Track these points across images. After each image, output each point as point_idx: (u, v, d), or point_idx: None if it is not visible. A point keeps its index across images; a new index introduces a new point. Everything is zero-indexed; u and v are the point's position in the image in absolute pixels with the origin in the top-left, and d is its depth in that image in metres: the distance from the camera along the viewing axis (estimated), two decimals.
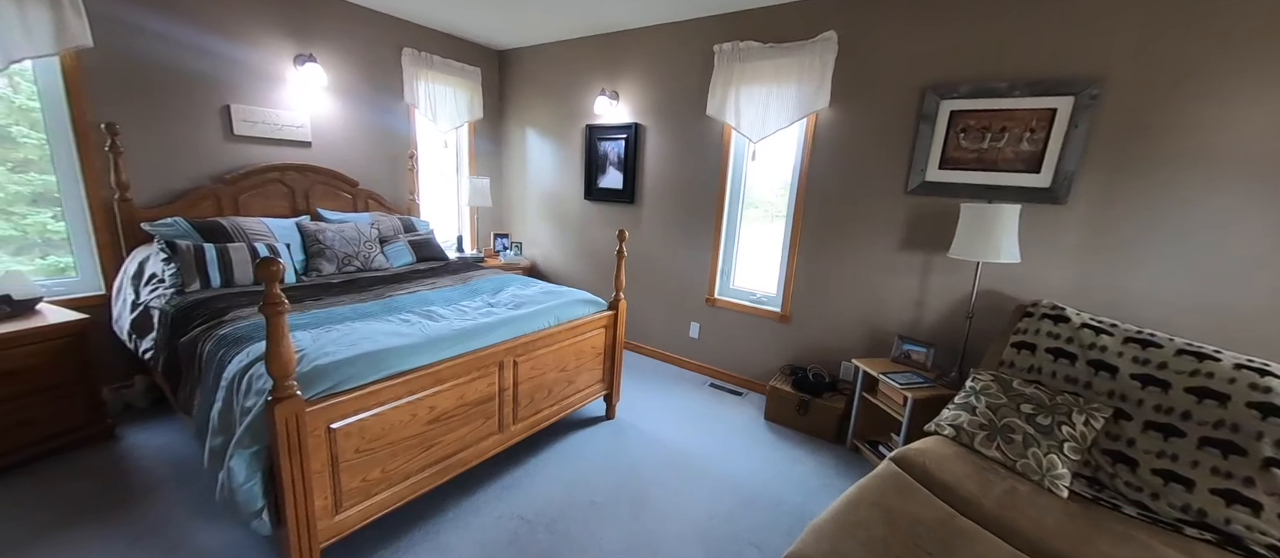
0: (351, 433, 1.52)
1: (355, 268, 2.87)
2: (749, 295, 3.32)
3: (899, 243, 2.64)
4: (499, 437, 2.07)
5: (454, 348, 1.84)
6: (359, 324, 1.91)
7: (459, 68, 3.93)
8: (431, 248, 3.32)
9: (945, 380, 2.34)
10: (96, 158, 2.44)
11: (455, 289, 2.55)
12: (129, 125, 2.50)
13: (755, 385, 3.26)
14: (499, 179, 4.50)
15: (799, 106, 2.79)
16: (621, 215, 3.77)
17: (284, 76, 3.05)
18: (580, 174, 3.93)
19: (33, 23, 2.17)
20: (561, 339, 2.30)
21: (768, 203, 3.32)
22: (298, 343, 1.68)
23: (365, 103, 3.46)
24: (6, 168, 2.33)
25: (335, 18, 3.21)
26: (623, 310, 2.63)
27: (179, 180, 2.72)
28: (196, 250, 2.30)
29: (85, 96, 2.39)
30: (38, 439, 2.06)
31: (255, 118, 2.95)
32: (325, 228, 2.87)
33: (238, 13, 2.81)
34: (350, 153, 3.43)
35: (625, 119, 3.61)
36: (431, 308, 2.20)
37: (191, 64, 2.68)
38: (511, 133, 4.38)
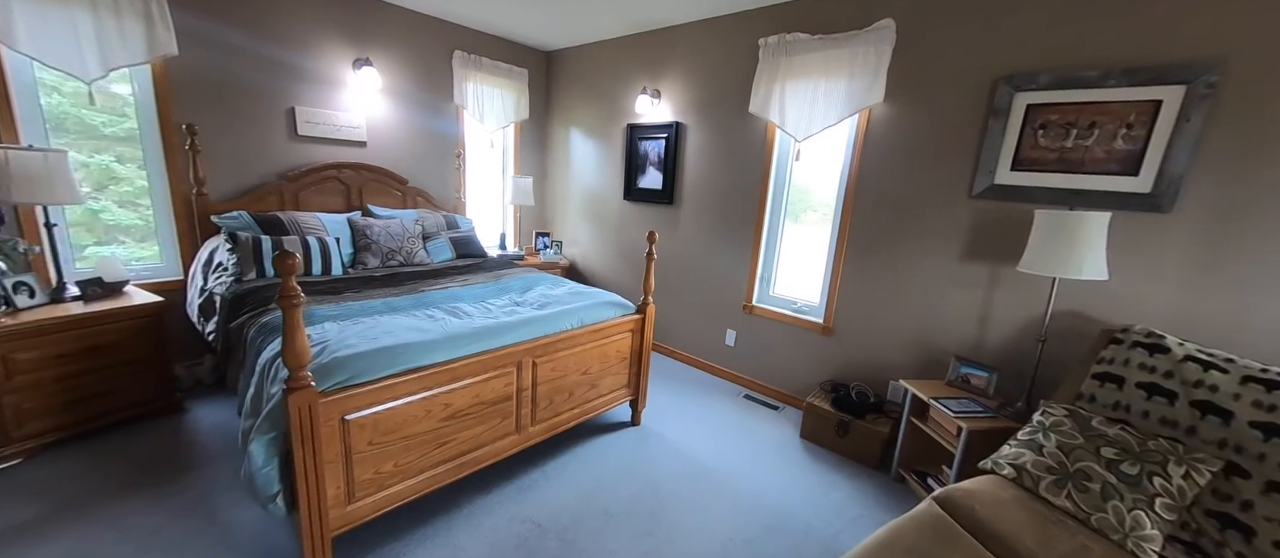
0: (365, 425, 1.55)
1: (398, 262, 2.98)
2: (789, 304, 3.13)
3: (960, 253, 2.37)
4: (516, 437, 2.06)
5: (471, 346, 1.84)
6: (385, 318, 1.96)
7: (507, 69, 4.02)
8: (471, 245, 3.40)
9: (1009, 412, 2.06)
10: (178, 156, 2.69)
11: (486, 286, 2.58)
12: (207, 126, 2.74)
13: (792, 400, 3.07)
14: (542, 179, 4.56)
15: (850, 102, 2.58)
16: (660, 216, 3.68)
17: (343, 80, 3.23)
18: (620, 174, 3.89)
19: (129, 34, 2.43)
20: (584, 342, 2.25)
21: (812, 206, 3.11)
22: (325, 334, 1.75)
23: (417, 104, 3.61)
24: (135, 165, 2.64)
25: (391, 23, 3.37)
26: (651, 314, 2.54)
27: (248, 177, 2.96)
28: (254, 242, 2.47)
29: (171, 100, 2.64)
30: (117, 408, 2.29)
31: (317, 119, 3.15)
32: (373, 223, 3.00)
33: (304, 22, 3.00)
34: (401, 152, 3.59)
35: (666, 118, 3.52)
36: (458, 305, 2.23)
37: (262, 70, 2.89)
38: (556, 133, 4.42)
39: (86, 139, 2.63)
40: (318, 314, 1.96)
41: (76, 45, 2.30)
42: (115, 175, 2.68)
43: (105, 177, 2.69)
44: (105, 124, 2.62)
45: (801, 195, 3.12)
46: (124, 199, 2.71)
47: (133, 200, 2.72)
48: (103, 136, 2.62)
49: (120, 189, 2.70)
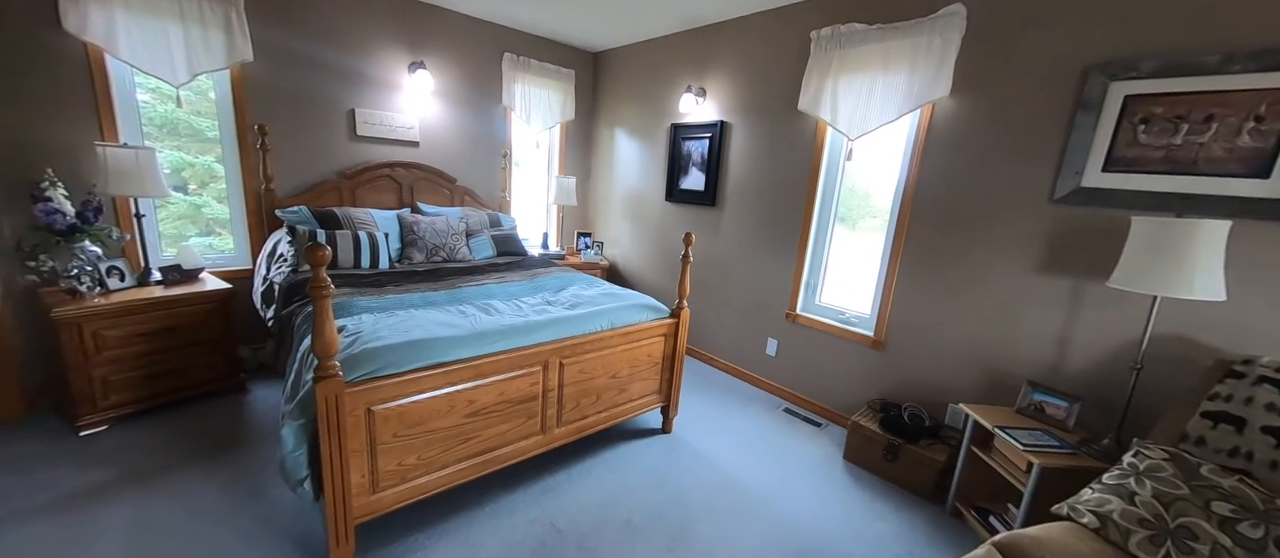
0: (390, 417, 1.57)
1: (441, 258, 3.07)
2: (837, 315, 2.92)
3: (1036, 264, 2.10)
4: (540, 438, 2.03)
5: (498, 343, 1.83)
6: (419, 312, 2.00)
7: (555, 70, 4.06)
8: (511, 243, 3.45)
9: (1093, 449, 1.79)
10: (251, 154, 2.90)
11: (520, 284, 2.59)
12: (276, 127, 2.94)
13: (837, 417, 2.86)
14: (586, 179, 4.57)
15: (910, 97, 2.37)
16: (701, 218, 3.57)
17: (400, 83, 3.38)
18: (663, 174, 3.81)
19: (211, 42, 2.65)
20: (614, 344, 2.19)
21: (865, 209, 2.90)
22: (361, 325, 1.80)
23: (466, 105, 3.72)
24: (214, 158, 2.90)
25: (445, 27, 3.48)
26: (685, 319, 2.45)
27: (311, 174, 3.15)
28: (311, 235, 2.62)
29: (246, 103, 2.86)
30: (188, 385, 2.49)
31: (375, 120, 3.31)
32: (420, 220, 3.11)
33: (366, 29, 3.17)
34: (451, 151, 3.71)
35: (711, 117, 3.41)
36: (491, 301, 2.25)
37: (326, 75, 3.08)
38: (600, 133, 4.42)
39: (194, 142, 2.92)
40: (358, 305, 2.03)
41: (167, 53, 2.53)
42: (216, 174, 2.95)
43: (207, 175, 2.97)
44: (209, 129, 2.88)
45: (853, 198, 2.91)
46: (222, 195, 2.98)
47: (228, 196, 2.98)
48: (207, 139, 2.89)
49: (218, 186, 2.97)
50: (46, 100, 2.34)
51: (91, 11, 2.33)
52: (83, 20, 2.31)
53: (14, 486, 1.82)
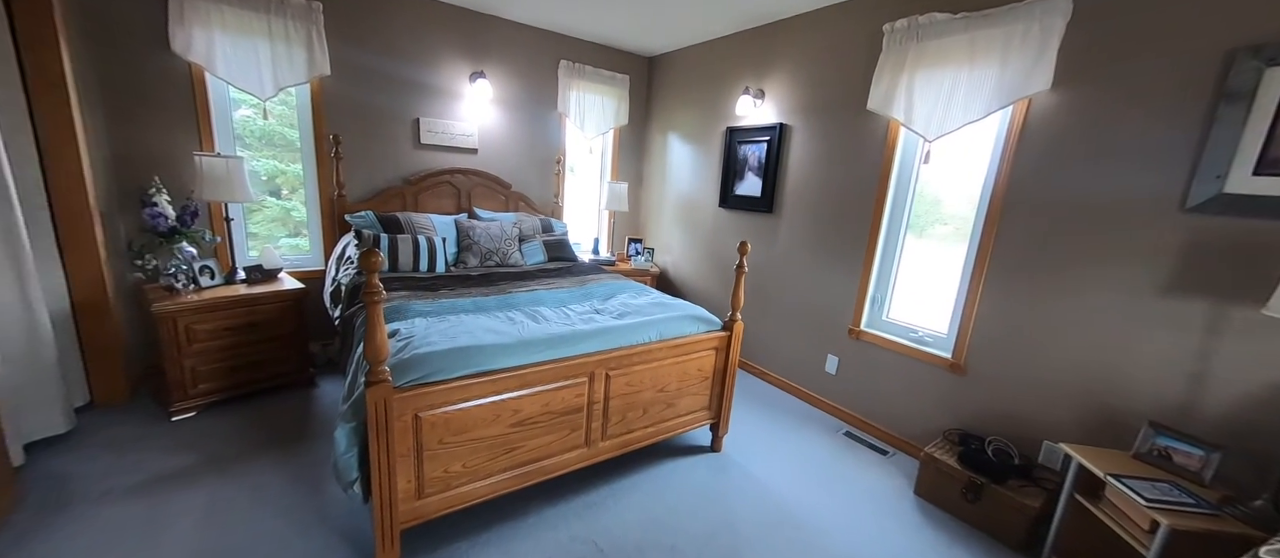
0: (437, 424, 1.56)
1: (495, 263, 3.12)
2: (909, 332, 2.66)
3: (1162, 283, 1.79)
4: (585, 451, 1.97)
5: (544, 353, 1.80)
6: (469, 317, 2.01)
7: (609, 76, 4.05)
8: (562, 249, 3.45)
9: (1241, 511, 1.47)
10: (326, 162, 3.09)
11: (569, 291, 2.56)
12: (348, 136, 3.12)
13: (907, 446, 2.60)
14: (638, 185, 4.53)
15: (1001, 92, 2.11)
16: (757, 226, 3.41)
17: (461, 92, 3.49)
18: (717, 180, 3.69)
19: (295, 59, 2.84)
20: (662, 356, 2.10)
21: (942, 218, 2.63)
22: (413, 329, 1.82)
23: (523, 112, 3.78)
24: (299, 165, 3.14)
25: (504, 37, 3.57)
26: (738, 332, 2.32)
27: (379, 180, 3.31)
28: (374, 239, 2.73)
29: (323, 113, 3.05)
30: (264, 377, 2.66)
31: (437, 129, 3.44)
32: (476, 225, 3.18)
33: (431, 42, 3.30)
34: (506, 158, 3.79)
35: (769, 120, 3.25)
36: (539, 308, 2.23)
37: (394, 86, 3.23)
38: (654, 138, 4.36)
39: (286, 151, 3.16)
40: (413, 309, 2.07)
41: (257, 69, 2.74)
42: (304, 180, 3.18)
43: (298, 181, 3.20)
44: (297, 139, 3.10)
45: (929, 205, 2.65)
46: (308, 201, 3.20)
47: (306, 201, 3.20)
48: (296, 149, 3.12)
49: (307, 192, 3.20)
50: (157, 115, 2.60)
51: (195, 33, 2.56)
52: (187, 42, 2.55)
53: (112, 465, 2.00)
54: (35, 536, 1.64)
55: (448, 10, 3.30)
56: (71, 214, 2.26)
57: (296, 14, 2.79)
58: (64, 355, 2.21)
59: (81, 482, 1.89)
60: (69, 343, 2.28)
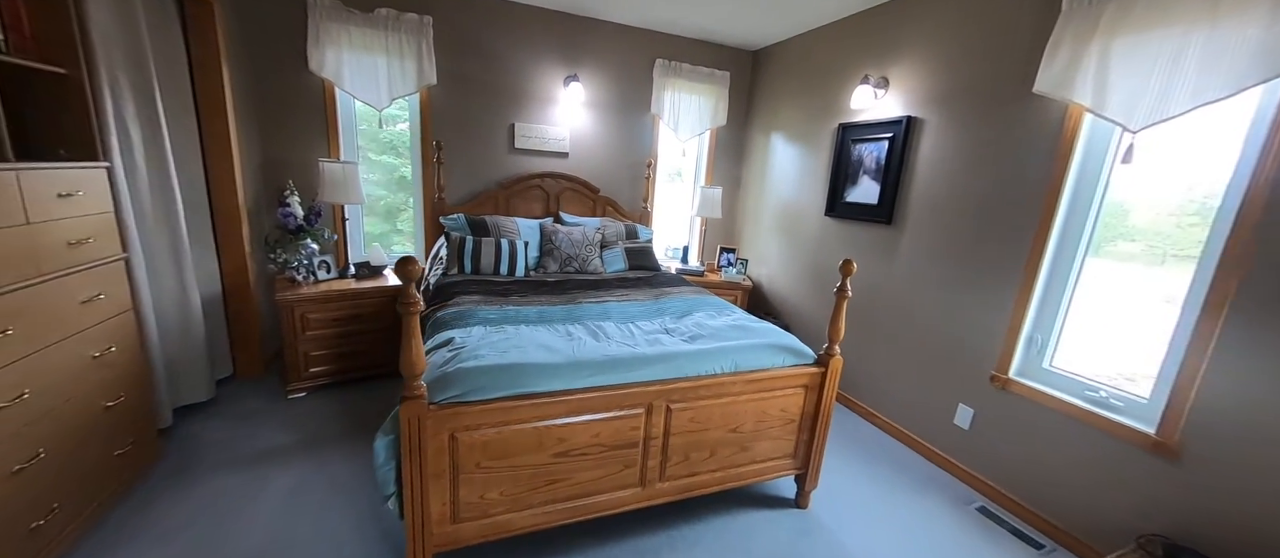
0: (474, 446, 1.45)
1: (573, 269, 3.03)
2: (1085, 389, 1.99)
3: None
4: (639, 491, 1.74)
5: (596, 376, 1.61)
6: (527, 329, 1.90)
7: (708, 73, 3.79)
8: (644, 257, 3.26)
9: None
10: (431, 166, 3.27)
11: (641, 305, 2.35)
12: (450, 142, 3.27)
13: (1074, 543, 1.93)
14: (734, 189, 4.18)
15: (1263, 60, 1.43)
16: (871, 238, 2.88)
17: (555, 97, 3.50)
18: (824, 184, 3.21)
19: (407, 70, 3.04)
20: (736, 391, 1.79)
21: (1128, 231, 1.92)
22: (468, 338, 1.75)
23: (614, 115, 3.68)
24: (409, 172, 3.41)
25: (599, 39, 3.49)
26: (835, 370, 1.90)
27: (476, 184, 3.44)
28: (461, 241, 2.80)
29: (430, 121, 3.23)
30: (364, 366, 2.87)
31: (531, 134, 3.48)
32: (559, 230, 3.13)
33: (528, 48, 3.34)
34: (596, 161, 3.72)
35: (893, 113, 2.72)
36: (603, 323, 2.05)
37: (493, 93, 3.32)
38: (754, 139, 3.99)
39: (404, 156, 3.45)
40: (477, 315, 2.02)
41: (375, 82, 2.98)
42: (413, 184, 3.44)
43: (410, 185, 3.47)
44: (410, 146, 3.36)
45: (1127, 216, 1.96)
46: (415, 203, 3.46)
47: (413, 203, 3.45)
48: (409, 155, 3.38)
49: (414, 195, 3.46)
50: (296, 126, 2.95)
51: (327, 53, 2.85)
52: (321, 60, 2.85)
53: (233, 435, 2.26)
54: (161, 492, 1.87)
55: (546, 15, 3.31)
56: (225, 212, 2.63)
57: (409, 28, 2.99)
58: (211, 334, 2.57)
59: (207, 448, 2.15)
60: (217, 323, 2.65)
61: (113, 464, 1.79)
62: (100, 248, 1.77)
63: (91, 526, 1.68)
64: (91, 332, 1.71)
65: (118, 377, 1.83)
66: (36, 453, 1.48)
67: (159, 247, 2.22)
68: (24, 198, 1.47)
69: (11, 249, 1.42)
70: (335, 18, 2.83)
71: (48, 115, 1.71)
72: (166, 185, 2.23)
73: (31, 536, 1.46)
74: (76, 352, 1.65)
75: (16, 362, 1.43)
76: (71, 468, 1.61)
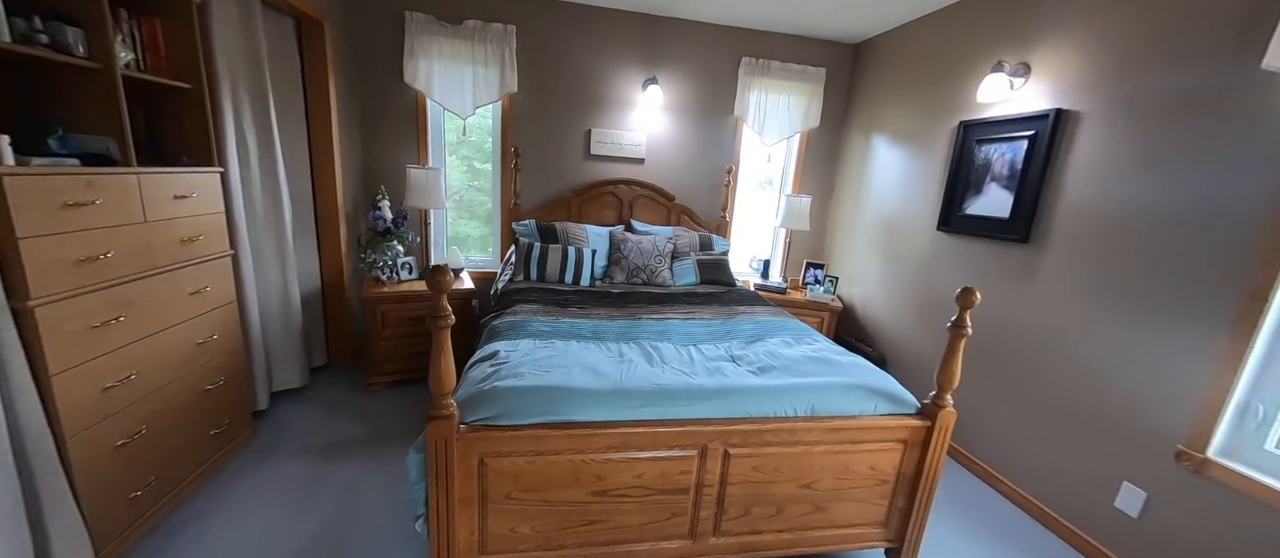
0: (505, 474, 1.33)
1: (640, 280, 2.87)
2: None
3: None
4: (688, 544, 1.51)
5: (645, 408, 1.41)
6: (578, 346, 1.76)
7: (800, 71, 3.45)
8: (718, 271, 3.01)
9: None
10: (508, 173, 3.32)
11: (707, 325, 2.12)
12: (527, 148, 3.29)
13: None
14: (827, 198, 3.76)
15: None
16: (999, 259, 2.36)
17: (633, 101, 3.38)
18: (937, 193, 2.72)
19: (490, 79, 3.11)
20: (811, 439, 1.49)
21: None
22: (515, 352, 1.65)
23: (694, 118, 3.48)
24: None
25: (681, 39, 3.32)
26: (945, 425, 1.52)
27: (550, 190, 3.43)
28: (528, 247, 2.77)
29: (510, 128, 3.28)
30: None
31: (607, 139, 3.40)
32: (629, 238, 3.00)
33: (608, 51, 3.27)
34: (673, 167, 3.54)
35: (1036, 106, 2.20)
36: (661, 344, 1.84)
37: (571, 99, 3.29)
38: (852, 142, 3.55)
39: (486, 162, 3.56)
40: (529, 327, 1.93)
41: (460, 92, 3.09)
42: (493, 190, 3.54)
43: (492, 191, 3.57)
44: (492, 152, 3.47)
45: None
46: (493, 209, 3.55)
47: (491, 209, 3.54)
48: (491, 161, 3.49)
49: (493, 201, 3.55)
50: (391, 134, 3.15)
51: (420, 64, 3.00)
52: (415, 72, 3.00)
53: (314, 423, 2.41)
54: (245, 472, 2.01)
55: (627, 17, 3.21)
56: (327, 214, 2.85)
57: (494, 38, 3.05)
58: (309, 325, 2.79)
59: (291, 434, 2.31)
60: (315, 316, 2.88)
61: (208, 442, 1.96)
62: (210, 245, 1.95)
63: (183, 498, 1.83)
64: (197, 321, 1.89)
65: (219, 363, 2.01)
66: (139, 430, 1.63)
67: (265, 244, 2.44)
68: (143, 199, 1.63)
69: (129, 245, 1.58)
70: (427, 31, 2.97)
71: (175, 125, 1.93)
72: (276, 188, 2.45)
73: (130, 505, 1.60)
74: (182, 339, 1.82)
75: (127, 346, 1.58)
76: (169, 445, 1.76)
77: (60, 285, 1.36)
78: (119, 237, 1.54)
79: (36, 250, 1.30)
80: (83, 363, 1.43)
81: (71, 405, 1.40)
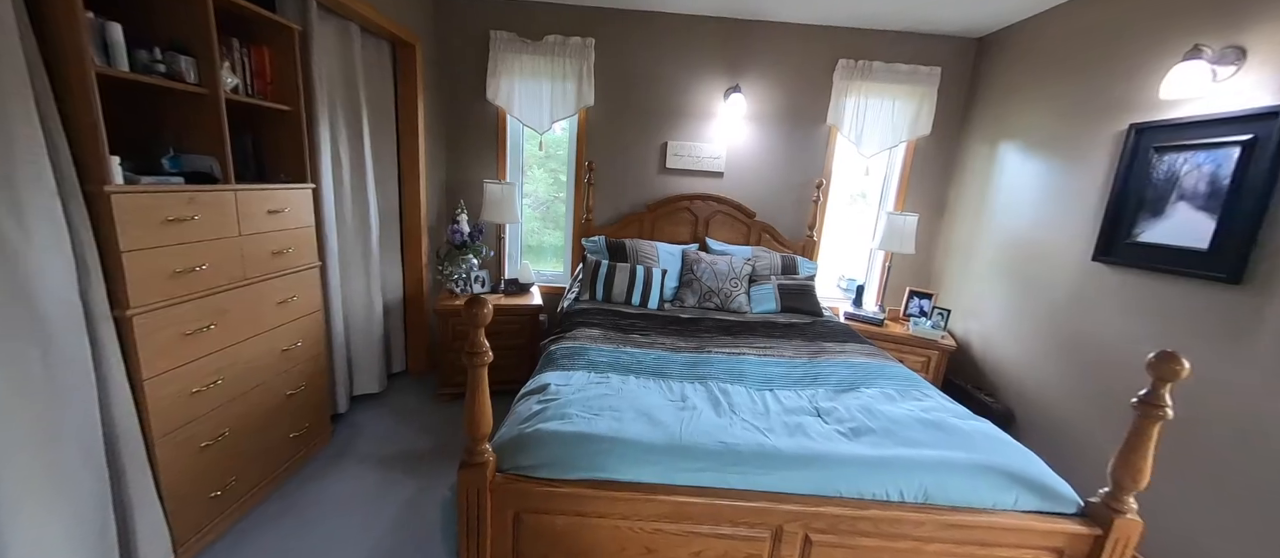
0: (543, 533, 1.17)
1: (713, 305, 2.63)
2: None
3: None
4: None
5: (706, 471, 1.18)
6: (636, 382, 1.57)
7: (908, 72, 3.02)
8: (802, 298, 2.67)
9: None
10: (582, 187, 3.26)
11: (788, 364, 1.82)
12: (602, 162, 3.21)
13: None
14: (936, 217, 3.24)
15: None
16: (1192, 304, 1.79)
17: (713, 111, 3.17)
18: (1093, 214, 2.17)
19: (568, 93, 3.07)
20: (922, 533, 1.16)
21: None
22: (567, 385, 1.51)
23: (781, 128, 3.18)
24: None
25: (769, 42, 3.06)
26: (1127, 537, 1.10)
27: (623, 205, 3.31)
28: (596, 265, 2.65)
29: (584, 142, 3.22)
30: (501, 380, 2.82)
31: (683, 152, 3.22)
32: (702, 258, 2.77)
33: (689, 60, 3.09)
34: (754, 182, 3.26)
35: (1252, 103, 1.65)
36: (731, 387, 1.59)
37: (648, 111, 3.16)
38: (973, 152, 3.03)
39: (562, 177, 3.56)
40: (587, 356, 1.79)
41: (539, 107, 3.08)
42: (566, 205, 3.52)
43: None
44: (567, 166, 3.46)
45: None
46: (566, 224, 3.53)
47: (564, 223, 3.51)
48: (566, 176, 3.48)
49: (566, 216, 3.53)
50: (473, 150, 3.22)
51: (502, 82, 3.04)
52: (497, 89, 3.05)
53: (385, 431, 2.47)
54: (319, 476, 2.08)
55: (710, 23, 3.02)
56: (411, 227, 2.97)
57: (573, 52, 3.01)
58: (389, 334, 2.91)
59: (364, 440, 2.38)
60: (396, 325, 3.00)
61: (287, 445, 2.05)
62: (299, 257, 2.04)
63: (261, 498, 1.92)
64: (283, 329, 1.98)
65: (301, 369, 2.10)
66: (223, 432, 1.71)
67: (352, 256, 2.56)
68: (238, 214, 1.73)
69: (223, 257, 1.68)
70: (510, 49, 3.00)
71: (275, 144, 2.06)
72: (364, 203, 2.57)
73: (211, 503, 1.68)
74: (268, 346, 1.91)
75: (216, 352, 1.67)
76: (251, 447, 1.85)
77: (157, 296, 1.45)
78: (214, 249, 1.64)
79: (138, 263, 1.39)
80: (173, 368, 1.52)
81: (161, 409, 1.48)
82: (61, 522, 1.26)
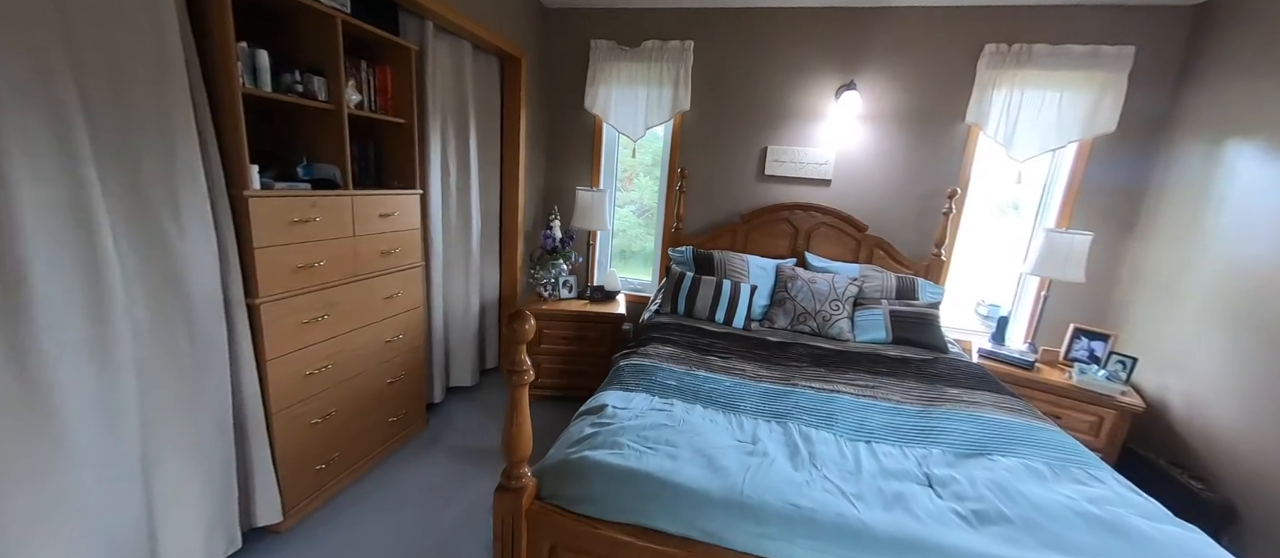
0: None
1: (807, 329, 2.33)
2: None
3: None
4: None
5: (769, 538, 0.99)
6: (703, 413, 1.41)
7: (1086, 55, 2.43)
8: (921, 329, 2.24)
9: None
10: (673, 194, 3.15)
11: (897, 410, 1.50)
12: (695, 169, 3.07)
13: None
14: (1120, 236, 2.54)
15: None
16: None
17: (822, 113, 2.86)
18: None
19: (663, 99, 3.00)
20: None
21: None
22: (629, 409, 1.40)
23: (904, 129, 2.75)
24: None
25: (893, 30, 2.67)
26: None
27: (717, 214, 3.14)
28: (679, 278, 2.52)
29: (678, 148, 3.12)
30: (581, 386, 2.88)
31: (784, 158, 2.95)
32: (799, 275, 2.49)
33: (796, 58, 2.83)
34: (868, 190, 2.86)
35: None
36: (816, 432, 1.35)
37: (747, 114, 2.96)
38: (1183, 152, 2.32)
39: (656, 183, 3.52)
40: (655, 376, 1.66)
41: (633, 114, 3.05)
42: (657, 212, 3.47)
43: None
44: (660, 173, 3.41)
45: None
46: (656, 232, 3.47)
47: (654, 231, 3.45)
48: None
49: (656, 224, 3.48)
50: (569, 157, 3.30)
51: (598, 91, 3.07)
52: (594, 99, 3.08)
53: (471, 425, 2.59)
54: (410, 461, 2.24)
55: (823, 15, 2.73)
56: (510, 231, 3.12)
57: (671, 56, 2.93)
58: (484, 331, 3.08)
59: (453, 432, 2.52)
60: (491, 323, 3.17)
61: (385, 428, 2.23)
62: (405, 256, 2.23)
63: (359, 475, 2.11)
64: (387, 322, 2.17)
65: (402, 360, 2.28)
66: (330, 412, 1.91)
67: (454, 257, 2.75)
68: (354, 216, 1.92)
69: (338, 254, 1.87)
70: (609, 57, 3.02)
71: (391, 153, 2.27)
72: (467, 208, 2.75)
73: (315, 475, 1.88)
74: (373, 337, 2.10)
75: (328, 340, 1.86)
76: (353, 427, 2.04)
77: (281, 287, 1.65)
78: (331, 248, 1.83)
79: (267, 258, 1.59)
80: (291, 352, 1.71)
81: (279, 387, 1.68)
82: (197, 480, 1.47)
